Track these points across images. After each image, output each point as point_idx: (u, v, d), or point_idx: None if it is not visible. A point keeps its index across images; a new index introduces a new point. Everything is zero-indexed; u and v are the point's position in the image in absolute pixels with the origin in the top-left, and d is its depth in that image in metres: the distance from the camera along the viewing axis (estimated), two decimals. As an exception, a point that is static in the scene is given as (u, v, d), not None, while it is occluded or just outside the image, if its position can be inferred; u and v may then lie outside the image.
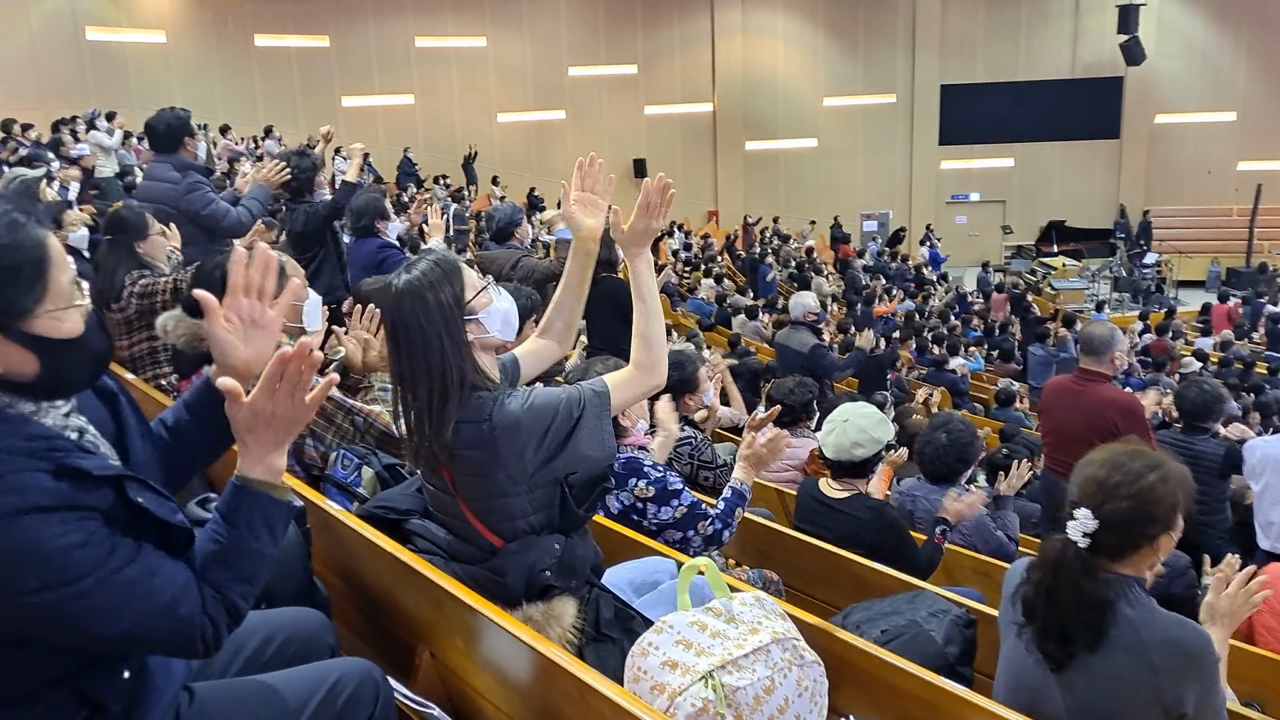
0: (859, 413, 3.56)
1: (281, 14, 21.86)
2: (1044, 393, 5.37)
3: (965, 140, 24.85)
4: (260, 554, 1.46)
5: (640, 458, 2.92)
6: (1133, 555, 1.98)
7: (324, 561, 2.23)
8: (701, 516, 2.90)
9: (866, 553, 3.37)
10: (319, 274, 5.17)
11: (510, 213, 5.39)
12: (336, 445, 2.55)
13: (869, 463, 3.54)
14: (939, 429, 4.14)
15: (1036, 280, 21.11)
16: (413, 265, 1.98)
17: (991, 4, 24.19)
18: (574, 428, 1.94)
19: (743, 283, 17.68)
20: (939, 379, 10.65)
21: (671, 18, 24.28)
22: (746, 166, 25.29)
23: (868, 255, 21.31)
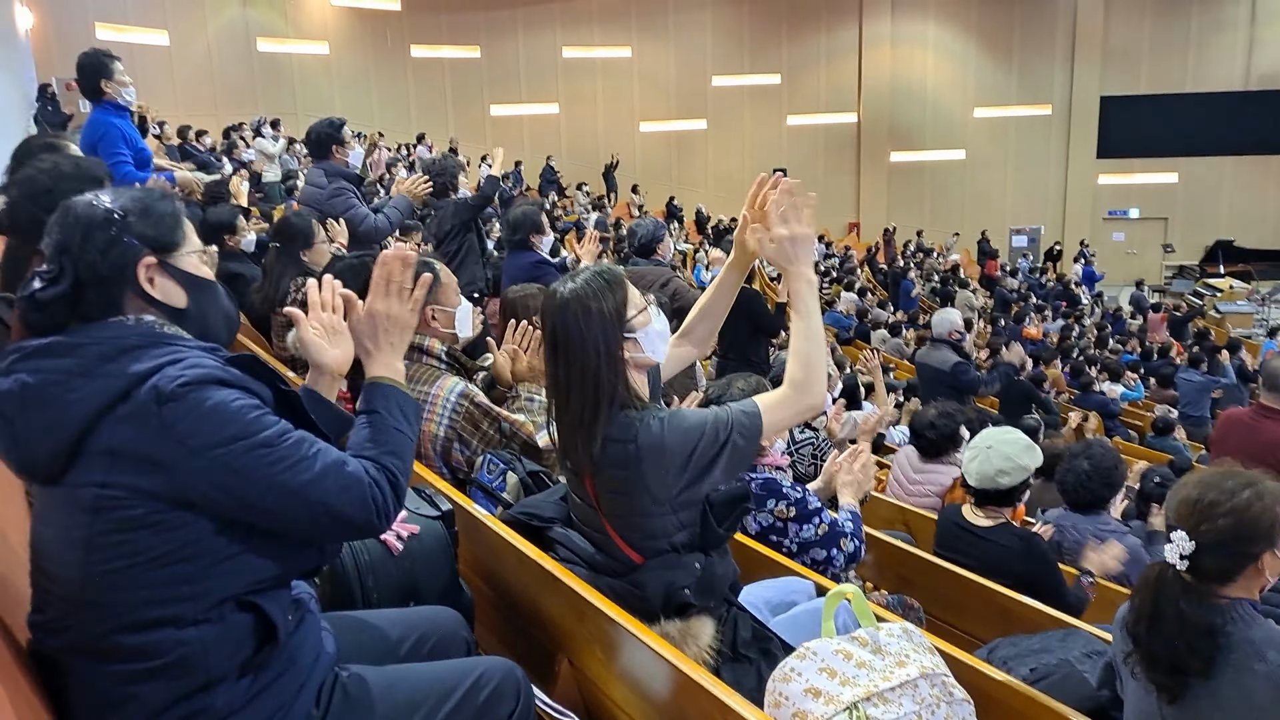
0: (1004, 439, 3.42)
1: (437, 26, 22.69)
2: (1218, 425, 5.07)
3: (1125, 154, 23.69)
4: (403, 433, 1.65)
5: (778, 478, 2.88)
6: (1239, 576, 1.93)
7: (469, 564, 2.28)
8: (842, 534, 2.86)
9: (1013, 584, 3.23)
10: (461, 267, 5.36)
11: (653, 228, 5.41)
12: (482, 450, 2.61)
13: (1015, 491, 3.39)
14: (1080, 455, 3.95)
15: (1200, 302, 19.92)
16: (578, 274, 1.99)
17: (1159, 14, 23.01)
18: (719, 452, 1.90)
19: (884, 297, 17.31)
20: (1088, 402, 10.16)
21: (818, 28, 24.03)
22: (891, 178, 24.79)
23: (1019, 273, 20.55)
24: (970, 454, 3.50)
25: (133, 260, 1.47)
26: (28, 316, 1.43)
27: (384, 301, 1.73)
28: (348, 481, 1.48)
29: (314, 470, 1.44)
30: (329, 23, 21.76)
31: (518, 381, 2.91)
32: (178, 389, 1.36)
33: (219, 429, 1.38)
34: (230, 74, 19.93)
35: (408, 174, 12.53)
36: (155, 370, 1.38)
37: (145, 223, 1.49)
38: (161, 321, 1.49)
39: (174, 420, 1.36)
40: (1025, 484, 3.46)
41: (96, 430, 1.36)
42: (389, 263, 1.73)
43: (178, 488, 1.37)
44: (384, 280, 1.73)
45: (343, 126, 4.92)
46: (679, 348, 2.38)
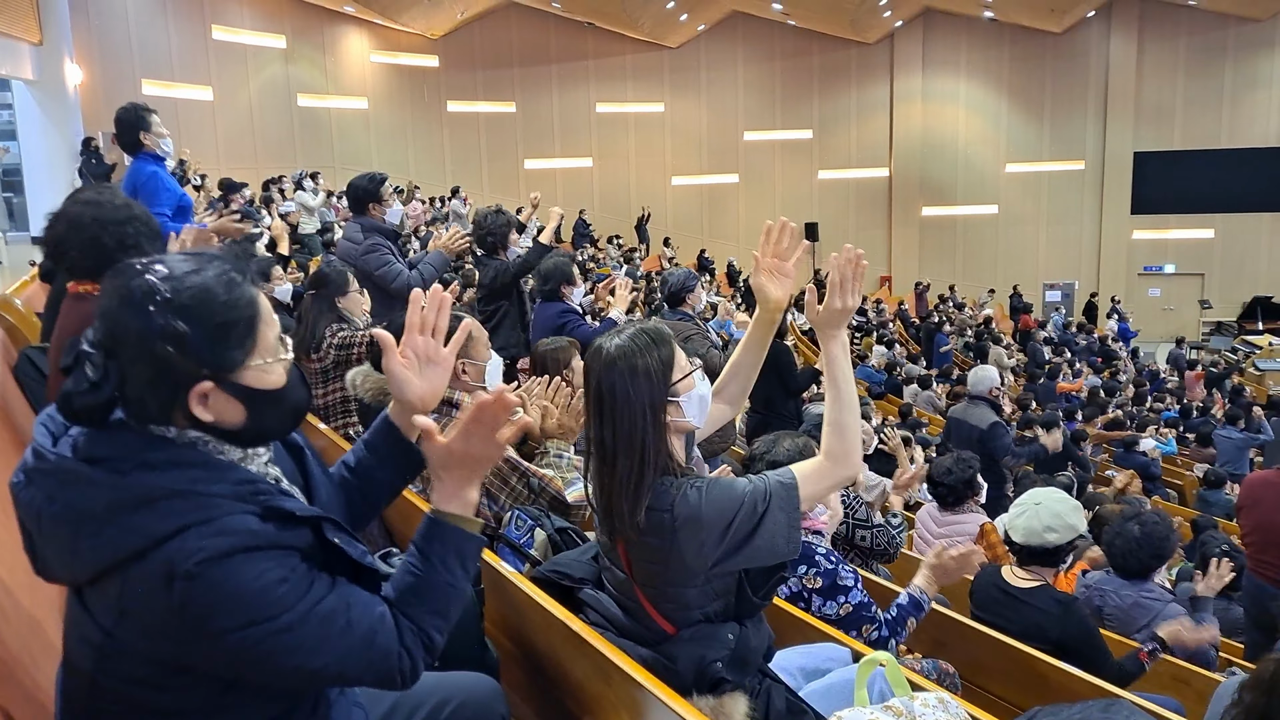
0: (1052, 497, 3.36)
1: (473, 82, 23.17)
2: (1245, 487, 4.92)
3: (1160, 210, 23.54)
4: (454, 587, 1.50)
5: (814, 543, 2.83)
6: None
7: (494, 622, 2.24)
8: (868, 620, 2.76)
9: (1051, 650, 3.15)
10: (499, 329, 5.34)
11: (684, 278, 5.39)
12: (510, 506, 2.59)
13: (1060, 550, 3.32)
14: (1131, 520, 3.86)
15: (1238, 359, 19.62)
16: (624, 329, 1.94)
17: (1192, 71, 23.00)
18: (759, 523, 1.84)
19: (916, 351, 17.20)
20: (1129, 461, 9.99)
21: (849, 85, 24.25)
22: (923, 232, 24.78)
23: (1050, 327, 20.36)
24: (1017, 509, 3.44)
25: (187, 385, 1.32)
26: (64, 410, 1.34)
27: (466, 442, 1.49)
28: (375, 658, 1.39)
29: (337, 652, 1.35)
30: (368, 79, 22.28)
31: (547, 438, 2.89)
32: (194, 567, 1.24)
33: (236, 613, 1.26)
34: (271, 128, 20.40)
35: (445, 230, 12.70)
36: (175, 533, 1.26)
37: (213, 340, 1.32)
38: (207, 439, 1.37)
39: (187, 600, 1.25)
40: (1071, 544, 3.39)
41: (109, 578, 1.28)
42: (488, 407, 1.48)
43: (181, 659, 1.31)
44: (475, 421, 1.48)
45: (383, 183, 4.95)
46: (714, 409, 2.36)
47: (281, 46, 20.66)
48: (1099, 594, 3.91)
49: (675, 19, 21.99)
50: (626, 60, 23.91)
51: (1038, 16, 22.57)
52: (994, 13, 22.63)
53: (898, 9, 22.21)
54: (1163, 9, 22.62)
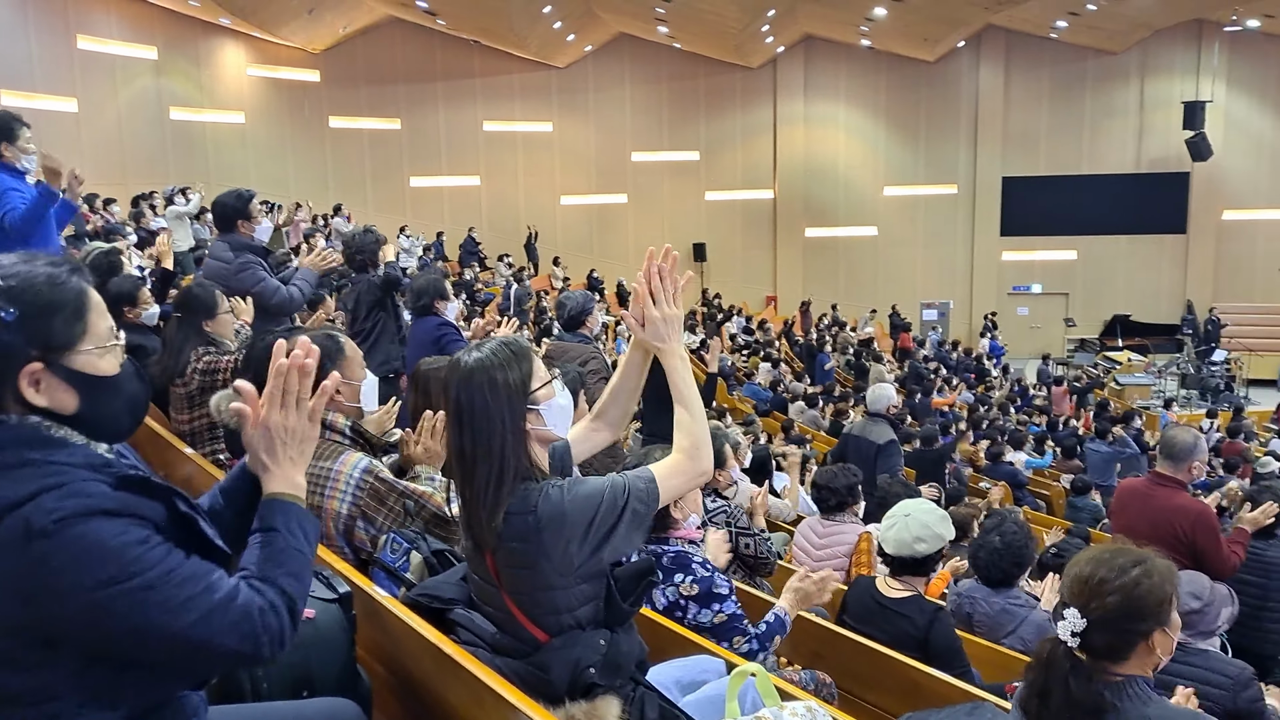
0: (921, 508, 3.49)
1: (356, 98, 22.77)
2: (1116, 496, 5.19)
3: (1027, 232, 24.72)
4: (302, 552, 1.55)
5: (690, 553, 2.87)
6: (1130, 654, 1.96)
7: (369, 649, 2.20)
8: (739, 632, 2.84)
9: (921, 657, 3.26)
10: (376, 345, 5.28)
11: (583, 301, 5.39)
12: (387, 528, 2.55)
13: (930, 560, 3.44)
14: (992, 531, 4.02)
15: (1100, 375, 20.70)
16: (484, 343, 1.97)
17: (1055, 100, 24.27)
18: (619, 518, 1.90)
19: (800, 369, 17.59)
20: (997, 473, 10.41)
21: (735, 108, 24.76)
22: (806, 253, 25.41)
23: (928, 345, 21.12)
24: (888, 522, 3.56)
25: (15, 366, 1.35)
26: None
27: (280, 414, 1.57)
28: (237, 617, 1.39)
29: (200, 611, 1.35)
30: (245, 93, 21.65)
31: (413, 463, 2.84)
32: (52, 524, 1.26)
33: (95, 570, 1.27)
34: (141, 142, 19.58)
35: (326, 244, 12.41)
36: (29, 498, 1.27)
37: (39, 321, 1.36)
38: (48, 424, 1.38)
39: (45, 558, 1.25)
40: (940, 553, 3.51)
41: None
42: (285, 373, 1.57)
43: (43, 625, 1.28)
44: (279, 391, 1.57)
45: (251, 199, 4.84)
46: (595, 432, 2.36)
47: (152, 58, 19.86)
48: (969, 601, 4.05)
49: (562, 39, 22.09)
50: (514, 79, 23.88)
51: (912, 45, 23.48)
52: (871, 41, 23.45)
53: (779, 35, 22.80)
54: (1027, 41, 23.81)
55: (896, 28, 21.81)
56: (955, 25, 22.22)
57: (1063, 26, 22.16)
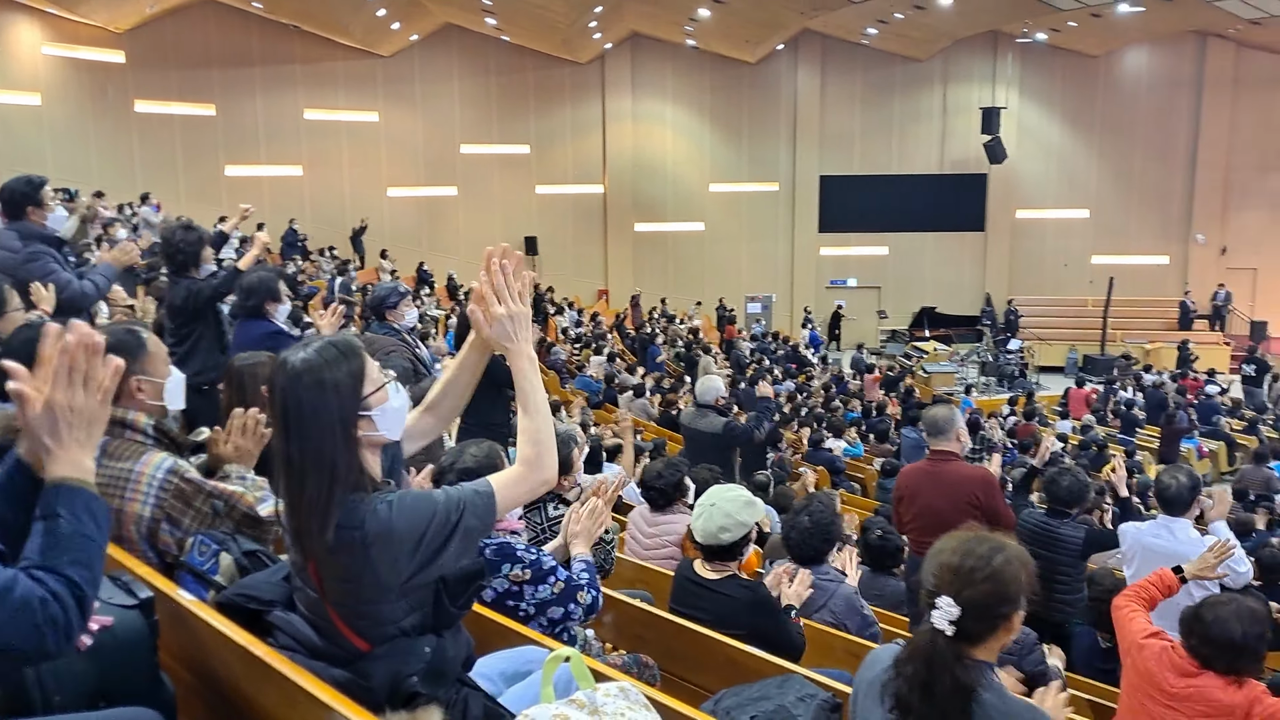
0: (726, 497, 3.61)
1: (166, 82, 21.48)
2: (900, 480, 5.50)
3: (843, 228, 25.86)
4: (90, 539, 1.47)
5: (512, 543, 2.90)
6: (990, 638, 2.03)
7: (174, 654, 2.12)
8: (578, 588, 2.91)
9: (742, 635, 3.39)
10: (194, 352, 4.96)
11: (386, 292, 5.24)
12: (194, 530, 2.45)
13: (736, 545, 3.57)
14: (801, 512, 4.23)
15: (910, 364, 21.92)
16: (310, 343, 1.87)
17: (867, 103, 25.50)
18: (450, 534, 1.86)
19: (633, 361, 17.83)
20: (817, 458, 10.89)
21: (564, 102, 24.79)
22: (636, 247, 25.74)
23: (754, 338, 21.82)
24: (696, 511, 3.68)
25: None
26: None
27: (65, 393, 1.48)
28: (13, 610, 1.32)
29: None
30: (40, 73, 20.03)
31: (224, 462, 2.73)
32: None
33: None
34: (-80, 123, 17.87)
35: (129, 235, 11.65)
36: None
37: None
38: None
39: None
40: (746, 539, 3.65)
41: None
42: (71, 350, 1.47)
43: None
44: (65, 369, 1.48)
45: (42, 186, 4.51)
46: (422, 422, 2.32)
47: (-68, 33, 18.17)
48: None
49: (386, 27, 21.52)
50: (337, 66, 23.10)
51: (734, 47, 24.14)
52: (696, 41, 23.96)
53: (607, 32, 22.99)
54: (841, 46, 24.89)
55: (719, 29, 22.38)
56: (774, 28, 22.98)
57: (873, 33, 23.29)
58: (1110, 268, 24.36)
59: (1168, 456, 13.82)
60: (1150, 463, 13.86)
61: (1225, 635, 3.07)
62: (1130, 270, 24.86)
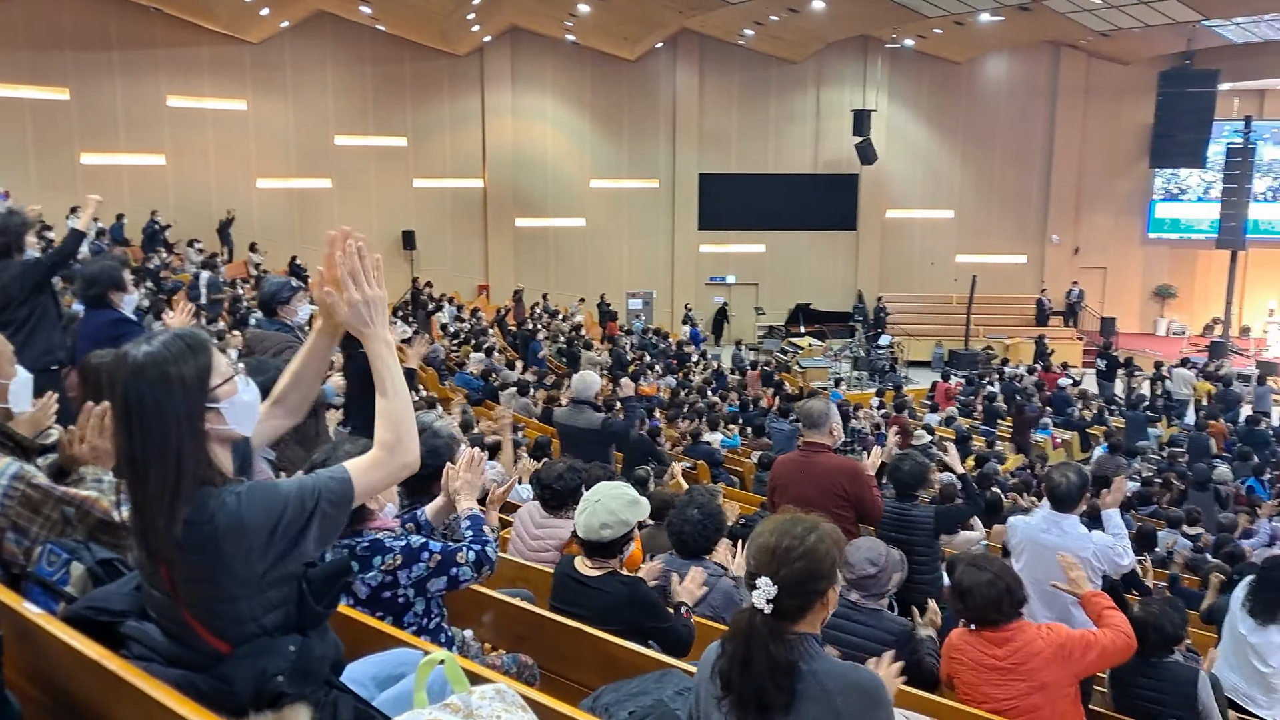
0: (611, 494, 3.62)
1: (15, 63, 20.18)
2: (774, 471, 5.64)
3: (722, 226, 26.26)
4: None
5: (383, 538, 2.83)
6: (808, 613, 2.13)
7: (21, 671, 2.00)
8: (455, 551, 2.86)
9: (623, 630, 3.40)
10: (35, 334, 4.72)
11: (277, 287, 5.07)
12: (43, 539, 2.31)
13: (617, 543, 3.59)
14: (690, 505, 4.26)
15: (787, 359, 22.43)
16: (154, 336, 1.81)
17: (743, 104, 25.93)
18: (307, 522, 1.82)
19: (515, 357, 17.71)
20: (697, 452, 11.03)
21: (442, 95, 24.40)
22: (517, 242, 25.55)
23: (634, 334, 21.94)
24: (580, 507, 3.67)
25: None
26: None
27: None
28: None
29: None
30: None
31: (78, 463, 2.59)
32: None
33: None
34: None
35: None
36: None
37: None
38: None
39: None
40: (628, 536, 3.67)
41: None
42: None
43: None
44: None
45: None
46: (271, 419, 2.25)
47: None
48: (663, 575, 4.27)
49: (255, 12, 20.72)
50: (202, 52, 22.13)
51: (614, 43, 24.21)
52: (576, 36, 23.91)
53: (486, 24, 22.73)
54: (718, 46, 25.23)
55: (598, 25, 22.40)
56: (652, 26, 23.14)
57: (750, 34, 23.71)
58: (973, 266, 25.45)
59: (1021, 445, 14.57)
60: (1010, 451, 14.54)
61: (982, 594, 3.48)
62: (992, 269, 26.02)
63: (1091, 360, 21.66)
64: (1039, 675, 3.39)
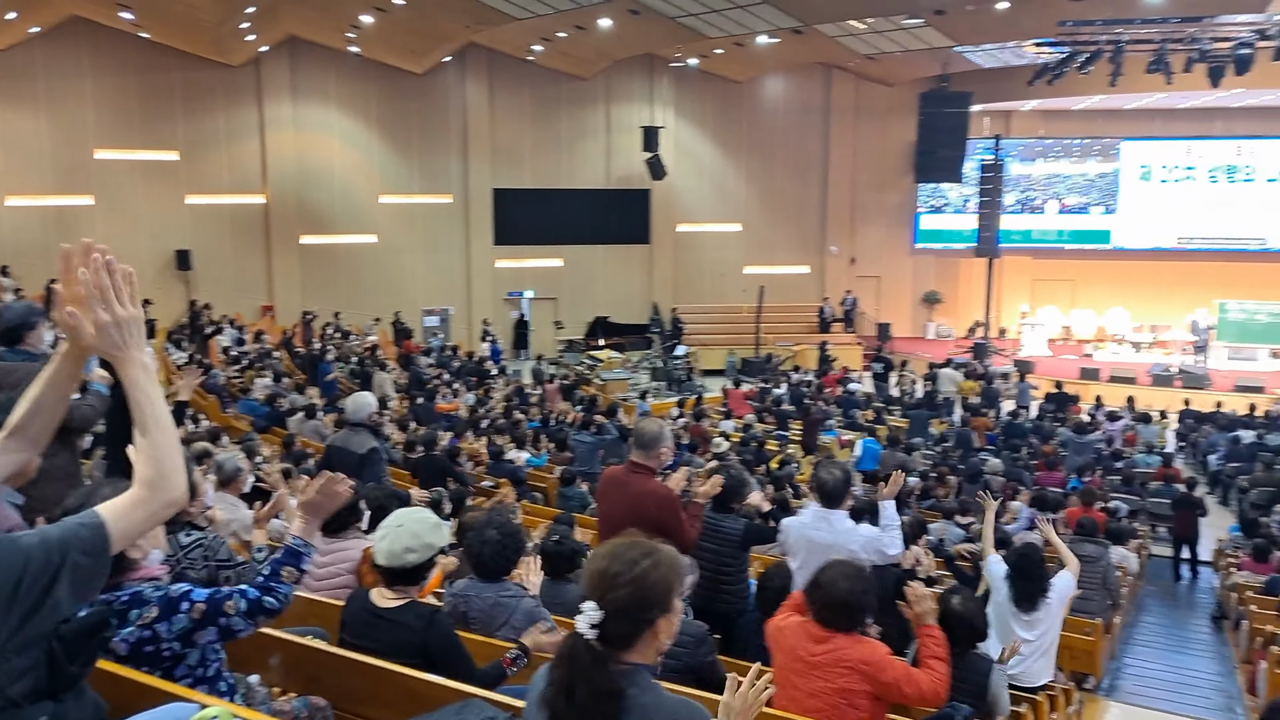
0: (413, 518, 3.52)
1: None
2: (601, 482, 5.65)
3: (518, 241, 26.21)
4: None
5: (144, 590, 2.62)
6: (638, 642, 2.08)
7: None
8: (224, 599, 2.63)
9: (422, 663, 3.31)
10: None
11: (23, 314, 4.64)
12: None
13: (421, 568, 3.50)
14: (489, 526, 4.21)
15: (587, 372, 22.63)
16: None
17: (536, 118, 26.01)
18: (54, 577, 1.66)
19: (303, 380, 16.98)
20: (500, 470, 10.94)
21: (216, 107, 23.11)
22: (304, 260, 24.53)
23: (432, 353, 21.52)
24: (380, 533, 3.54)
25: None
26: None
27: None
28: None
29: None
30: None
31: None
32: None
33: None
34: None
35: None
36: None
37: None
38: None
39: None
40: (431, 562, 3.57)
41: None
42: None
43: None
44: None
45: None
46: (7, 451, 2.07)
47: None
48: (463, 600, 4.19)
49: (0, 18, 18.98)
50: (-62, 59, 20.08)
51: (400, 56, 23.72)
52: (360, 48, 23.27)
53: (262, 34, 21.73)
54: (507, 61, 25.18)
55: (383, 37, 21.90)
56: (439, 40, 22.85)
57: (539, 50, 23.81)
58: (760, 277, 26.60)
59: (809, 446, 15.33)
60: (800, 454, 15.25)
61: (836, 595, 3.47)
62: (778, 279, 27.23)
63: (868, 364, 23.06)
64: (839, 680, 3.49)
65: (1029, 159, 27.44)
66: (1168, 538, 13.19)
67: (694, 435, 14.72)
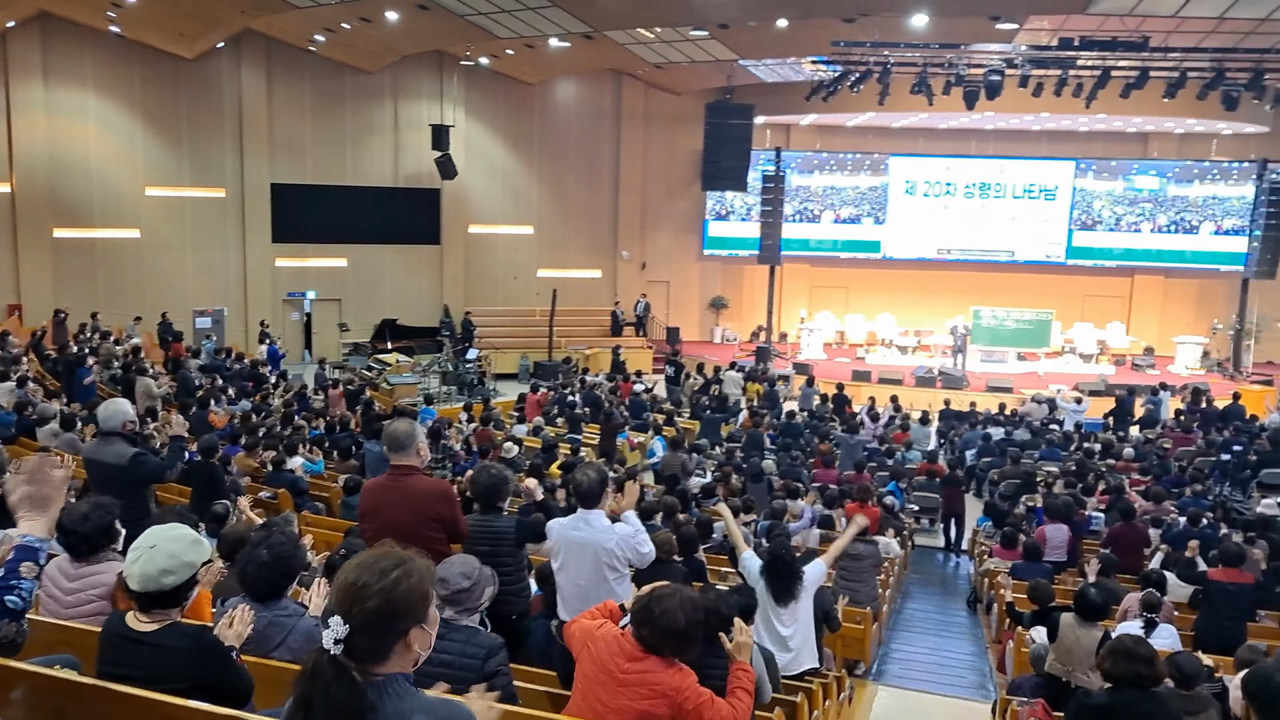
0: (168, 536, 3.28)
1: None
2: (363, 497, 5.49)
3: (299, 239, 25.13)
4: None
5: None
6: (390, 654, 2.07)
7: None
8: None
9: (188, 688, 3.10)
10: None
11: None
12: None
13: (182, 589, 3.27)
14: (260, 545, 4.00)
15: (373, 376, 21.94)
16: None
17: (318, 111, 24.99)
18: None
19: (56, 387, 15.56)
20: (279, 480, 10.42)
21: (-51, 85, 20.84)
22: (56, 256, 22.50)
23: (203, 354, 20.20)
24: (133, 555, 3.27)
25: None
26: None
27: None
28: None
29: None
30: None
31: None
32: None
33: None
34: None
35: None
36: None
37: None
38: None
39: None
40: (193, 581, 3.35)
41: None
42: None
43: None
44: None
45: None
46: None
47: None
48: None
49: None
50: None
51: (167, 39, 22.21)
52: (121, 29, 21.59)
53: (7, 8, 19.75)
54: (287, 50, 24.05)
55: (148, 17, 20.46)
56: (212, 24, 21.59)
57: (321, 40, 22.91)
58: (553, 280, 26.69)
59: (607, 450, 15.49)
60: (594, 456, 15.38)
61: (672, 625, 3.51)
62: (571, 283, 27.43)
63: (661, 367, 23.59)
64: (643, 703, 3.49)
65: (807, 171, 28.89)
66: (930, 529, 14.34)
67: (481, 440, 14.54)
